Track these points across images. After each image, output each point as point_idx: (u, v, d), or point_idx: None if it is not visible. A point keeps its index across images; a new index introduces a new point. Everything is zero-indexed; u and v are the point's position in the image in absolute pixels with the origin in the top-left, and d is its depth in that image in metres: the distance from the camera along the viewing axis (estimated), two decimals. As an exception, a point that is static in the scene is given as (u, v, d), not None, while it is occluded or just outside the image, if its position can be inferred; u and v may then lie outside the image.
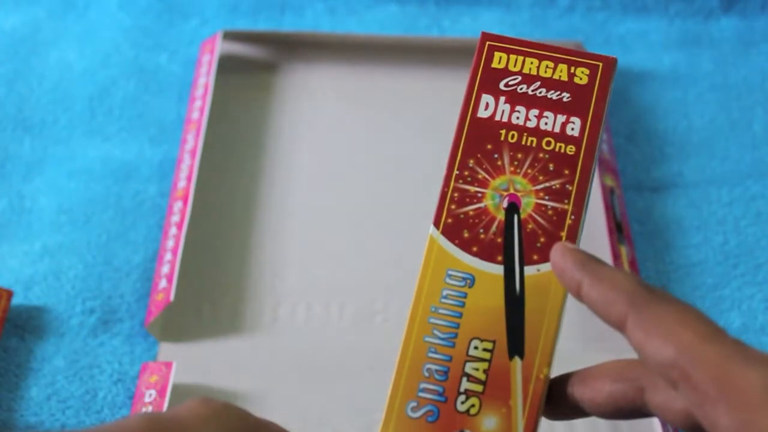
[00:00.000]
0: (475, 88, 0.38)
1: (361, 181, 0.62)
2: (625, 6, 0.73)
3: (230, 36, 0.68)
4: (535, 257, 0.35)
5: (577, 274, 0.33)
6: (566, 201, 0.35)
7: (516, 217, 0.35)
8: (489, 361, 0.34)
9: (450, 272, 0.35)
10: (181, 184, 0.59)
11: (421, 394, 0.34)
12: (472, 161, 0.36)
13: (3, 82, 0.67)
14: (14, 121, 0.65)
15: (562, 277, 0.34)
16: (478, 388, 0.34)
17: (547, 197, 0.35)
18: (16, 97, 0.66)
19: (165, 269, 0.55)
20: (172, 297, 0.53)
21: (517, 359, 0.34)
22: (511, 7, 0.73)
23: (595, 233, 0.58)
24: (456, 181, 0.36)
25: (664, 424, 0.50)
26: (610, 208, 0.59)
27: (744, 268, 0.58)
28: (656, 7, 0.73)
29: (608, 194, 0.59)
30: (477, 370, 0.34)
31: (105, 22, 0.71)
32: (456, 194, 0.36)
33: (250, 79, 0.67)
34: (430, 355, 0.35)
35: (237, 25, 0.71)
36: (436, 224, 0.36)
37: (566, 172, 0.36)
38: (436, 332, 0.35)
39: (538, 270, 0.35)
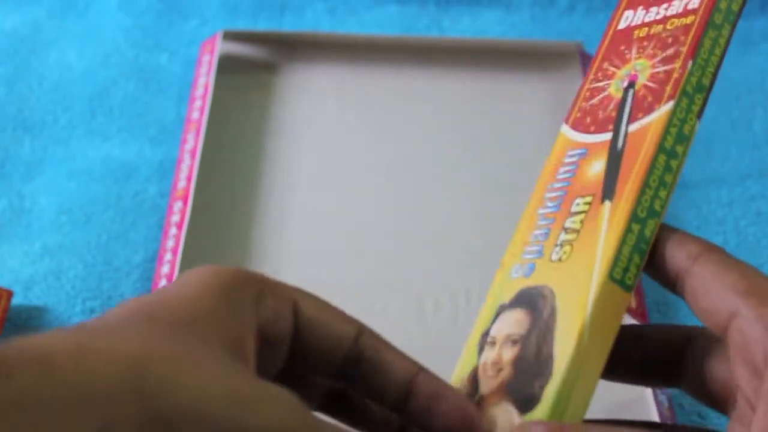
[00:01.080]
0: (621, 8, 0.39)
1: (361, 181, 0.62)
2: (625, 6, 0.73)
3: (230, 36, 0.68)
4: (640, 115, 0.36)
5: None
6: (676, 61, 0.36)
7: (631, 90, 0.36)
8: (586, 212, 0.35)
9: (569, 152, 0.37)
10: (181, 184, 0.59)
11: (524, 257, 0.36)
12: (606, 63, 0.38)
13: (3, 82, 0.67)
14: (14, 121, 0.65)
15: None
16: (573, 236, 0.35)
17: (660, 64, 0.36)
18: (16, 97, 0.66)
19: (165, 269, 0.55)
20: (172, 297, 0.53)
21: (606, 202, 0.34)
22: (511, 7, 0.73)
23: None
24: (590, 83, 0.38)
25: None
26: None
27: (744, 268, 0.58)
28: (656, 7, 0.73)
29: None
30: (575, 222, 0.35)
31: (105, 22, 0.71)
32: (588, 93, 0.38)
33: (250, 79, 0.67)
34: (539, 223, 0.36)
35: (237, 25, 0.71)
36: (567, 121, 0.38)
37: (682, 38, 0.36)
38: (548, 203, 0.36)
39: (640, 124, 0.35)
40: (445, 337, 0.37)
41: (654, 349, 0.35)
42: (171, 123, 0.65)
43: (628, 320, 0.53)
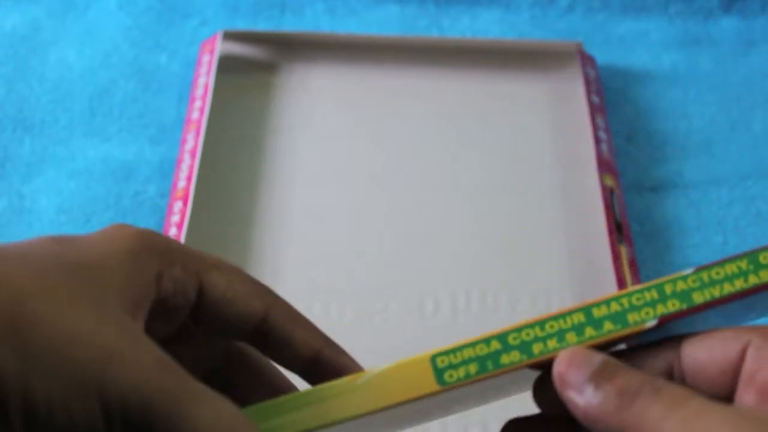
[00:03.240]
0: None
1: (361, 181, 0.62)
2: (625, 6, 0.73)
3: (230, 36, 0.68)
4: None
5: None
6: None
7: None
8: None
9: None
10: (181, 184, 0.59)
11: None
12: None
13: (3, 82, 0.67)
14: (14, 121, 0.65)
15: None
16: None
17: None
18: (16, 97, 0.66)
19: (165, 269, 0.55)
20: (172, 297, 0.53)
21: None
22: (511, 6, 0.73)
23: (595, 233, 0.58)
24: None
25: None
26: (610, 208, 0.59)
27: (744, 268, 0.58)
28: (656, 7, 0.73)
29: (608, 194, 0.59)
30: None
31: (105, 22, 0.71)
32: None
33: (250, 79, 0.67)
34: None
35: (237, 25, 0.71)
36: None
37: None
38: None
39: None
40: (445, 337, 0.37)
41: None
42: (171, 123, 0.65)
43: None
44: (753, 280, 0.32)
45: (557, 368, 0.31)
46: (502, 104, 0.66)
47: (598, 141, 0.62)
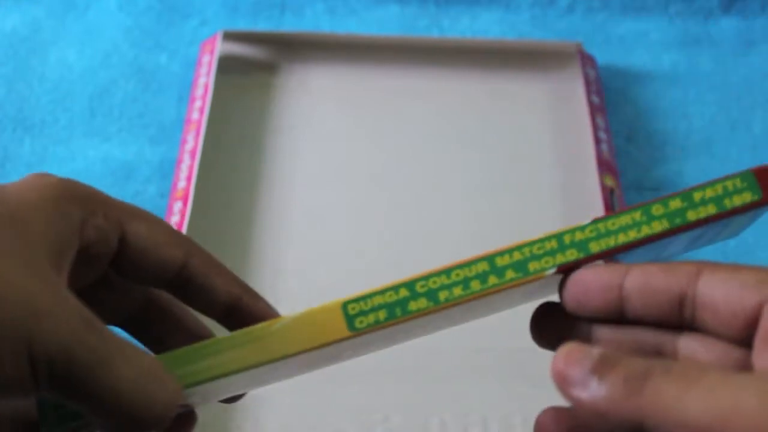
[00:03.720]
0: None
1: (361, 182, 0.62)
2: (625, 6, 0.73)
3: (230, 36, 0.68)
4: None
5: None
6: None
7: None
8: None
9: None
10: (181, 184, 0.59)
11: None
12: None
13: (3, 82, 0.67)
14: (14, 121, 0.65)
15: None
16: None
17: None
18: (16, 97, 0.66)
19: (165, 269, 0.55)
20: (172, 297, 0.53)
21: None
22: (511, 6, 0.73)
23: (595, 233, 0.58)
24: None
25: None
26: (610, 208, 0.59)
27: (744, 268, 0.58)
28: (656, 7, 0.73)
29: (608, 194, 0.59)
30: None
31: (105, 22, 0.71)
32: None
33: (250, 79, 0.67)
34: None
35: (237, 25, 0.71)
36: None
37: None
38: None
39: None
40: (444, 337, 0.37)
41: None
42: (171, 123, 0.65)
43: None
44: (646, 230, 0.33)
45: (555, 367, 0.29)
46: (502, 104, 0.66)
47: (598, 141, 0.62)
